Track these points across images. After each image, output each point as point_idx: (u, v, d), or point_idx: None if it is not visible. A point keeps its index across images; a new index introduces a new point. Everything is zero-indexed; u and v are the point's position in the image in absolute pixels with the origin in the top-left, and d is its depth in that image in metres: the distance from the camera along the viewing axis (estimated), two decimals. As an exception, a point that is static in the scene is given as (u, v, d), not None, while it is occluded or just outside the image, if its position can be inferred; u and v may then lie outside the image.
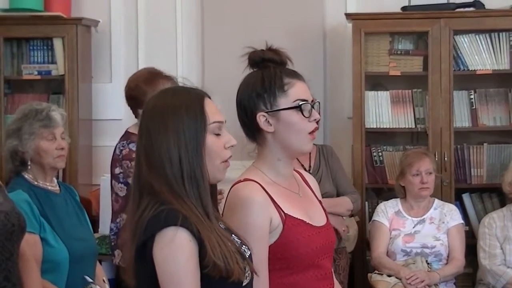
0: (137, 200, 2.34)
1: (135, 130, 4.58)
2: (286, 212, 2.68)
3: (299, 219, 2.70)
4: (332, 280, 2.81)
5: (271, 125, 2.71)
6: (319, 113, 2.77)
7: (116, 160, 4.56)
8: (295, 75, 2.75)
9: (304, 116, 2.70)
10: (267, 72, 2.72)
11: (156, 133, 2.33)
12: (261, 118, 2.70)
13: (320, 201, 2.91)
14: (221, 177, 2.42)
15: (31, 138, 3.73)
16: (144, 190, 2.33)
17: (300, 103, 2.70)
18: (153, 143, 2.32)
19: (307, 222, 2.73)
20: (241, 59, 2.79)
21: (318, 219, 2.80)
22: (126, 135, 4.59)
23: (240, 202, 2.61)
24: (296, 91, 2.71)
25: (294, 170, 2.89)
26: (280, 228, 2.65)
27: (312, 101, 2.74)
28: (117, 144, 4.60)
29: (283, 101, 2.70)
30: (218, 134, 2.39)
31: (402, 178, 5.22)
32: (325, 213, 2.88)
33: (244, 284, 2.34)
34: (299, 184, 2.85)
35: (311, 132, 2.73)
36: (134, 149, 4.44)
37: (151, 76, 4.55)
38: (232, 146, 2.43)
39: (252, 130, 2.73)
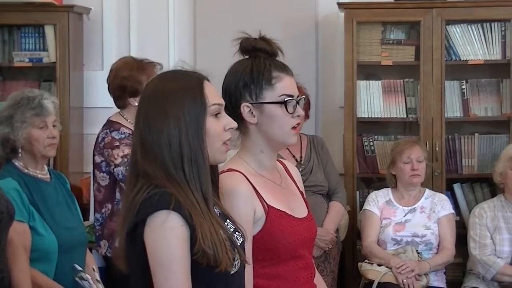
0: (132, 184, 2.34)
1: (117, 119, 4.58)
2: (269, 203, 2.69)
3: (282, 210, 2.71)
4: (313, 269, 2.83)
5: (254, 116, 2.71)
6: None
7: (96, 149, 4.54)
8: (284, 69, 2.75)
9: (288, 112, 2.70)
10: (256, 63, 2.71)
11: (155, 118, 2.32)
12: (245, 109, 2.71)
13: (302, 193, 2.92)
14: (222, 158, 2.42)
15: (23, 126, 3.71)
16: (139, 174, 2.33)
17: (285, 99, 2.70)
18: (151, 128, 2.31)
19: (289, 213, 2.74)
20: (233, 48, 2.78)
21: (299, 211, 2.81)
22: (109, 124, 4.57)
23: (224, 192, 2.60)
24: (283, 86, 2.71)
25: (278, 160, 2.89)
26: (263, 220, 2.66)
27: (298, 96, 2.74)
28: (99, 133, 4.57)
29: (269, 95, 2.70)
30: (217, 117, 2.39)
31: (393, 167, 5.23)
32: (307, 205, 2.88)
33: (232, 272, 2.33)
34: (281, 176, 2.85)
35: (294, 127, 2.73)
36: (117, 137, 4.43)
37: (140, 64, 4.53)
38: (232, 128, 2.43)
39: (235, 118, 2.72)
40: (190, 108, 2.32)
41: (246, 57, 2.76)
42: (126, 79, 4.47)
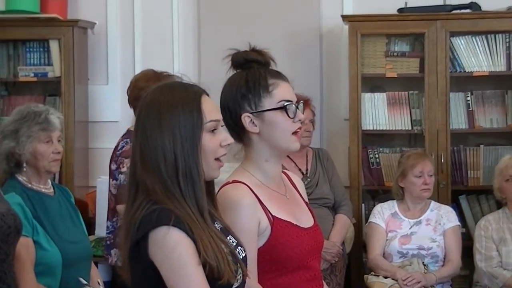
0: (132, 199, 2.33)
1: None
2: (274, 214, 2.69)
3: (287, 221, 2.71)
4: (321, 281, 2.82)
5: (256, 125, 2.71)
6: (302, 113, 2.78)
7: (113, 157, 4.56)
8: (279, 75, 2.76)
9: (289, 116, 2.71)
10: (251, 73, 2.72)
11: (151, 131, 2.30)
12: (246, 119, 2.71)
13: (306, 203, 2.91)
14: (215, 174, 2.40)
15: (29, 140, 3.71)
16: (139, 188, 2.31)
17: (285, 104, 2.70)
18: (148, 140, 2.30)
19: (295, 224, 2.74)
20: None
21: (305, 220, 2.81)
22: (128, 133, 4.60)
23: (228, 204, 2.61)
24: (280, 92, 2.72)
25: (282, 172, 2.89)
26: (269, 231, 2.66)
27: (297, 101, 2.75)
28: (119, 141, 4.60)
29: (268, 102, 2.71)
30: (214, 132, 2.37)
31: (402, 179, 5.19)
32: (313, 215, 2.88)
33: (234, 286, 2.32)
34: (286, 186, 2.86)
35: (295, 132, 2.73)
36: None
37: (158, 76, 4.55)
38: (228, 144, 2.41)
39: (237, 132, 2.73)
40: (186, 123, 2.30)
41: (240, 71, 2.77)
42: (143, 90, 4.48)
